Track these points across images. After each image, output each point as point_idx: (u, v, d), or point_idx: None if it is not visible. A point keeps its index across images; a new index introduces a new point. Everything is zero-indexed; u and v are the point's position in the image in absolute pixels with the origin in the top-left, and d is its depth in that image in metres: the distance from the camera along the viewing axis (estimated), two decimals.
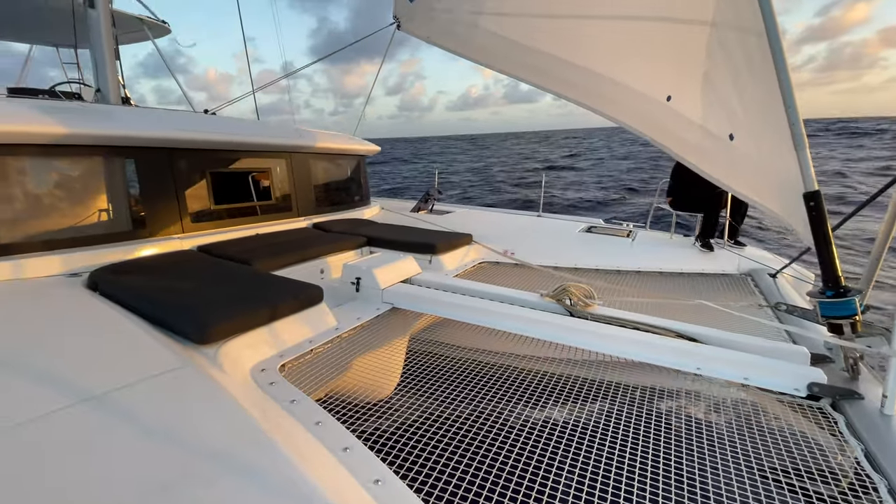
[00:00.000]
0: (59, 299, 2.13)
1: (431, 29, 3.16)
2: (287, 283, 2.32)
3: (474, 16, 2.80)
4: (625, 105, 2.34)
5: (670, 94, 2.18)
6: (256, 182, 3.88)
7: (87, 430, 1.18)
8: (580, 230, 4.35)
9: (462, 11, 2.87)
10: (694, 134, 2.12)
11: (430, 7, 3.10)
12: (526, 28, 2.60)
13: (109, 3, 3.86)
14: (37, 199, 2.59)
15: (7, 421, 1.18)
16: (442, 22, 3.05)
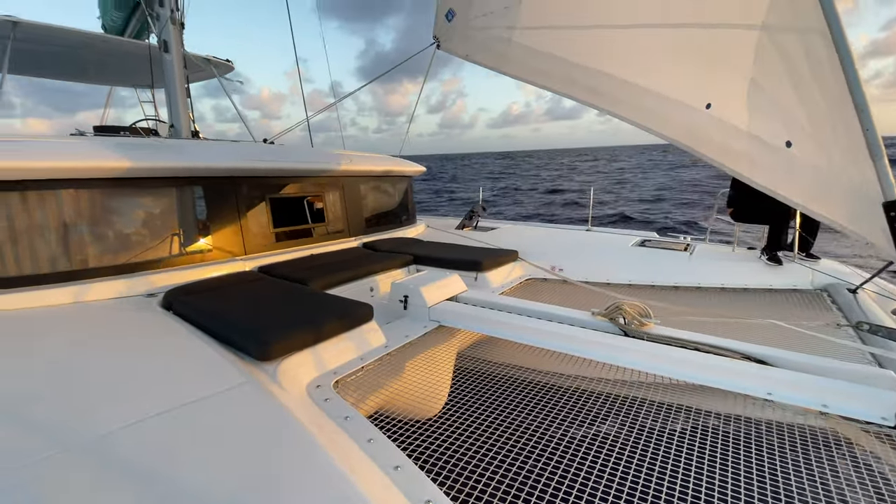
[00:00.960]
0: (140, 318, 2.33)
1: (469, 46, 3.23)
2: (339, 302, 2.41)
3: (509, 31, 2.84)
4: (660, 115, 2.27)
5: (710, 101, 2.10)
6: (311, 206, 4.08)
7: (166, 440, 1.28)
8: (633, 244, 4.19)
9: (497, 28, 2.92)
10: (740, 142, 2.02)
11: (467, 25, 3.17)
12: (558, 40, 2.60)
13: (181, 47, 4.27)
14: (121, 227, 2.87)
15: (103, 428, 1.31)
16: (479, 39, 3.11)
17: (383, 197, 5.00)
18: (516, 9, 2.73)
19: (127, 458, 1.20)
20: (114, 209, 2.86)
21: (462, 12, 3.15)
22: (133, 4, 4.74)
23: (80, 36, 4.42)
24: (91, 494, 1.07)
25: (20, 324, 2.18)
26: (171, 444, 1.27)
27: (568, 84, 2.56)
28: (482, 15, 2.98)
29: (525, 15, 2.69)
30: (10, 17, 3.82)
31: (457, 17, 3.21)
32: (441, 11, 3.32)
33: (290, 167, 3.78)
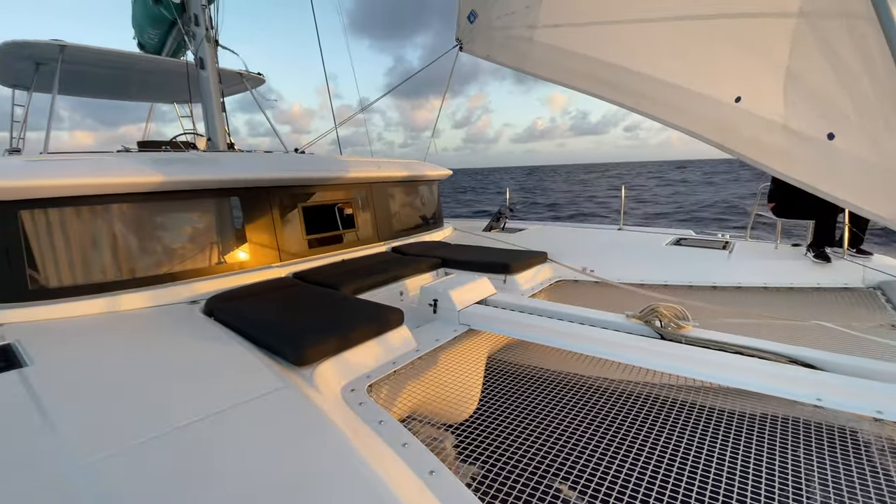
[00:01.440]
0: (184, 325, 2.44)
1: (491, 47, 3.22)
2: (371, 307, 2.45)
3: (530, 30, 2.82)
4: (687, 110, 2.20)
5: (740, 94, 2.02)
6: (341, 212, 4.17)
7: (213, 441, 1.35)
8: (667, 243, 4.06)
9: (519, 27, 2.90)
10: (774, 136, 1.93)
11: (488, 26, 3.17)
12: (581, 37, 2.56)
13: (216, 63, 4.45)
14: (166, 238, 3.01)
15: (159, 428, 1.39)
16: (500, 39, 3.10)
17: (411, 201, 5.05)
18: (537, 7, 2.71)
19: (180, 456, 1.26)
20: (159, 221, 3.01)
21: (484, 13, 3.15)
22: (169, 23, 4.97)
23: (123, 56, 4.67)
24: (150, 490, 1.14)
25: (78, 331, 2.32)
26: (218, 444, 1.33)
27: (592, 81, 2.52)
28: (504, 15, 2.97)
29: (546, 13, 2.67)
30: (58, 41, 4.07)
31: (479, 19, 3.21)
32: (463, 13, 3.33)
33: (322, 175, 3.88)
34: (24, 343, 2.11)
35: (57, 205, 2.63)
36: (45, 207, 2.60)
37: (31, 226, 2.57)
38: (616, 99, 2.38)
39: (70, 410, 1.50)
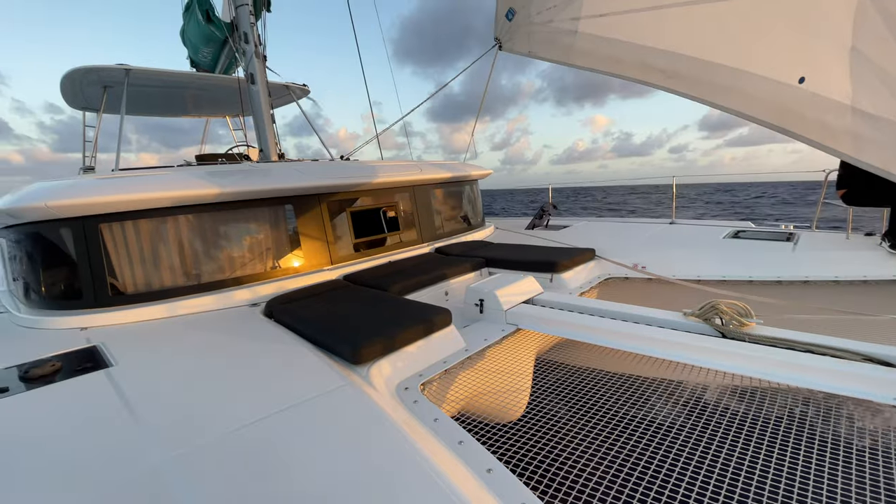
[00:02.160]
0: (248, 326, 2.59)
1: (532, 43, 3.19)
2: (419, 308, 2.50)
3: (574, 22, 2.76)
4: (746, 94, 2.08)
5: (803, 75, 1.89)
6: (386, 215, 4.27)
7: (283, 437, 1.42)
8: (725, 236, 3.84)
9: (561, 20, 2.85)
10: (842, 118, 1.80)
11: (529, 22, 3.14)
12: (628, 25, 2.48)
13: (265, 77, 4.67)
14: (227, 244, 3.20)
15: (237, 423, 1.49)
16: (542, 34, 3.06)
17: (452, 202, 5.08)
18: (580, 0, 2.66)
19: (255, 451, 1.35)
20: (221, 230, 3.20)
21: (523, 10, 3.12)
22: (221, 42, 5.26)
23: (180, 76, 5.00)
24: (231, 483, 1.22)
25: (154, 333, 2.51)
26: (289, 439, 1.40)
27: (642, 70, 2.45)
28: (545, 9, 2.93)
29: (590, 3, 2.62)
30: (124, 65, 4.42)
31: (518, 15, 3.19)
32: (501, 11, 3.32)
33: (367, 180, 3.98)
34: (108, 345, 2.31)
35: (131, 217, 2.86)
36: (121, 220, 2.84)
37: (110, 237, 2.81)
38: (671, 86, 2.29)
39: (153, 408, 1.63)
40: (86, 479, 1.25)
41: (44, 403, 1.73)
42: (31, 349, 2.33)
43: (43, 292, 2.95)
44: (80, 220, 2.75)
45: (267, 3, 4.80)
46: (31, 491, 1.23)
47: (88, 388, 1.82)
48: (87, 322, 2.69)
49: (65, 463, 1.34)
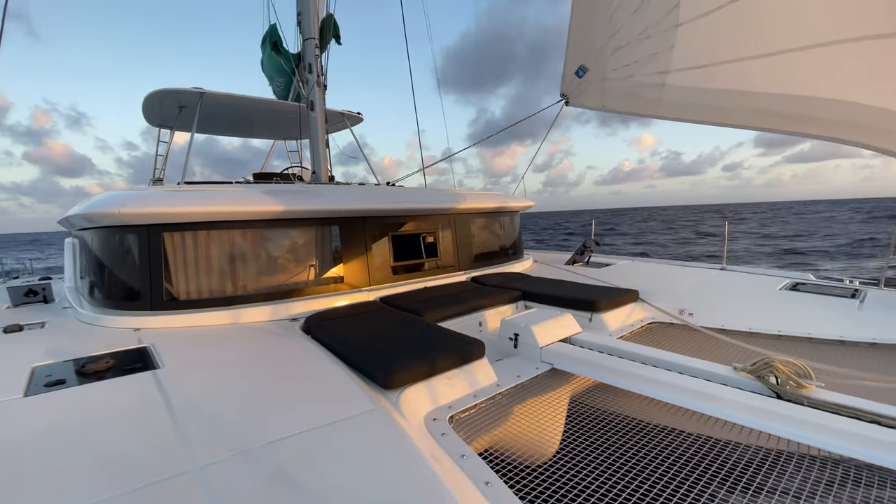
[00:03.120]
0: (286, 340, 2.65)
1: (607, 98, 3.20)
2: (453, 337, 2.48)
3: (661, 75, 2.75)
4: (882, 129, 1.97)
5: None
6: (426, 241, 4.33)
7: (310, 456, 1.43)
8: (782, 287, 3.59)
9: (644, 74, 2.84)
10: None
11: (602, 77, 3.15)
12: (734, 73, 2.44)
13: (324, 105, 4.95)
14: (272, 260, 3.34)
15: (268, 438, 1.51)
16: (620, 89, 3.06)
17: (492, 232, 5.09)
18: (668, 53, 2.66)
19: (280, 468, 1.36)
20: (271, 245, 3.36)
21: (596, 67, 3.16)
22: (290, 72, 5.65)
23: (246, 100, 5.39)
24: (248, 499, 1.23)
25: (200, 339, 2.63)
26: (316, 460, 1.41)
27: (752, 115, 2.40)
28: (623, 66, 2.96)
29: (681, 57, 2.61)
30: (199, 88, 4.81)
31: (589, 73, 3.23)
32: (570, 69, 3.37)
33: (410, 206, 4.08)
34: (157, 347, 2.44)
35: (191, 228, 3.05)
36: (182, 230, 3.03)
37: (171, 245, 3.01)
38: (796, 130, 2.23)
39: (192, 413, 1.69)
40: (121, 473, 1.30)
41: (94, 398, 1.84)
42: (89, 345, 2.49)
43: (105, 292, 3.17)
44: (146, 227, 2.96)
45: (336, 37, 5.13)
46: (69, 475, 1.29)
47: (136, 387, 1.92)
48: (141, 323, 2.85)
49: (103, 455, 1.40)
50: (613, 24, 2.99)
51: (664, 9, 2.66)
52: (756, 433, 1.84)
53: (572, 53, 3.33)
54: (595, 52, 3.15)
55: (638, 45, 2.84)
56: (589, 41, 3.19)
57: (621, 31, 2.94)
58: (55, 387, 1.93)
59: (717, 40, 2.47)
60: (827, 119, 2.11)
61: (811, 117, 2.16)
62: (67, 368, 2.15)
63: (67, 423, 1.63)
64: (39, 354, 2.35)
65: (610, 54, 3.05)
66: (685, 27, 2.60)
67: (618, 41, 2.99)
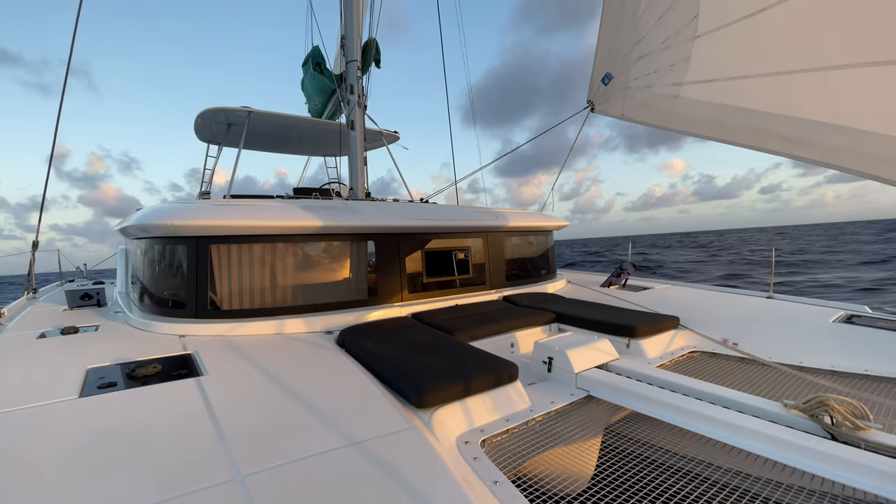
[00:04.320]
0: (321, 353, 2.71)
1: (626, 106, 3.21)
2: (486, 358, 2.46)
3: (675, 87, 2.74)
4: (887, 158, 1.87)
5: None
6: (458, 258, 4.34)
7: (346, 472, 1.44)
8: (835, 320, 3.37)
9: (661, 85, 2.85)
10: None
11: (625, 86, 3.18)
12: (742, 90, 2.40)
13: (364, 124, 5.11)
14: (310, 273, 3.44)
15: (304, 452, 1.53)
16: (638, 98, 3.07)
17: (524, 250, 5.05)
18: (684, 65, 2.65)
19: (314, 483, 1.38)
20: (310, 259, 3.47)
21: (621, 75, 3.17)
22: (330, 92, 5.89)
23: (291, 119, 5.63)
24: None
25: (241, 348, 2.72)
26: (349, 478, 1.42)
27: (755, 135, 2.34)
28: (643, 75, 2.96)
29: (696, 69, 2.59)
30: (247, 107, 5.08)
31: (614, 80, 3.24)
32: (597, 76, 3.40)
33: (444, 224, 4.12)
34: (201, 354, 2.54)
35: (236, 241, 3.19)
36: (228, 242, 3.18)
37: (217, 256, 3.15)
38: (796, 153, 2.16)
39: (233, 422, 1.74)
40: (165, 479, 1.35)
41: (142, 402, 1.93)
42: (138, 349, 2.63)
43: (154, 298, 3.34)
44: (195, 238, 3.12)
45: (377, 60, 5.33)
46: (116, 478, 1.35)
47: (181, 393, 2.00)
48: (186, 330, 2.98)
49: (149, 460, 1.46)
50: (638, 31, 3.00)
51: (685, 18, 2.65)
52: (808, 476, 1.72)
53: (600, 60, 3.34)
54: (621, 59, 3.16)
55: (659, 55, 2.84)
56: (616, 48, 3.21)
57: (645, 38, 2.95)
58: (107, 389, 2.04)
59: (727, 55, 2.44)
60: (828, 144, 2.01)
61: (812, 141, 2.07)
62: (118, 371, 2.27)
63: (117, 426, 1.72)
64: (93, 357, 2.49)
65: (634, 62, 3.05)
66: (702, 39, 2.58)
67: (641, 49, 2.99)
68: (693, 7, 2.61)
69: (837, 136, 2.00)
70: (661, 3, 2.79)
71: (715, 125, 2.56)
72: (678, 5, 2.69)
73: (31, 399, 1.91)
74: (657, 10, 2.82)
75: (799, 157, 2.11)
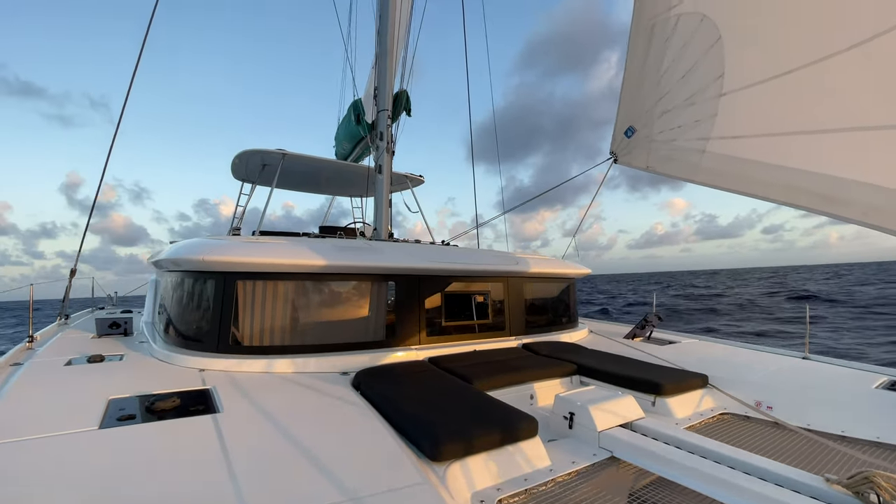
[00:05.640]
0: (336, 395, 2.67)
1: (651, 158, 3.24)
2: (504, 410, 2.39)
3: (702, 142, 2.76)
4: None
5: None
6: (477, 303, 4.31)
7: None
8: (878, 386, 3.14)
9: (687, 139, 2.88)
10: None
11: (649, 139, 3.22)
12: (770, 147, 2.40)
13: (391, 168, 5.29)
14: (330, 312, 3.47)
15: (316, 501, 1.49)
16: (663, 152, 3.10)
17: (545, 297, 4.99)
18: (710, 121, 2.68)
19: None
20: (331, 298, 3.50)
21: (644, 128, 3.23)
22: (359, 138, 6.17)
23: (323, 161, 5.87)
24: None
25: (258, 386, 2.71)
26: None
27: (789, 192, 2.32)
28: (668, 129, 3.00)
29: (723, 125, 2.62)
30: (282, 150, 5.33)
31: (637, 133, 3.29)
32: (620, 129, 3.47)
33: (464, 267, 4.13)
34: (219, 389, 2.55)
35: (261, 278, 3.27)
36: (253, 279, 3.25)
37: (242, 292, 3.22)
38: (830, 211, 2.12)
39: (246, 464, 1.72)
40: None
41: (159, 436, 1.93)
42: (159, 382, 2.66)
43: (178, 330, 3.40)
44: (223, 274, 3.21)
45: (407, 109, 5.60)
46: None
47: (197, 430, 2.00)
48: (206, 364, 3.01)
49: (161, 496, 1.45)
50: (661, 88, 3.06)
51: (709, 77, 2.70)
52: None
53: (623, 113, 3.41)
54: (643, 113, 3.22)
55: (683, 111, 2.88)
56: (638, 103, 3.27)
57: (668, 95, 3.01)
58: (126, 421, 2.05)
59: (757, 113, 2.45)
60: (863, 203, 1.97)
61: (848, 200, 2.03)
62: (139, 404, 2.29)
63: (133, 459, 1.72)
64: (116, 387, 2.53)
65: (657, 117, 3.09)
66: (728, 97, 2.61)
67: (665, 105, 3.04)
68: (718, 66, 2.67)
69: (874, 195, 1.96)
70: (685, 63, 2.86)
71: (746, 180, 2.55)
72: (702, 65, 2.76)
73: (53, 428, 1.94)
74: (680, 69, 2.90)
75: (837, 216, 2.07)
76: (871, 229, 1.98)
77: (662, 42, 3.00)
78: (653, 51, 3.09)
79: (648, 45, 3.12)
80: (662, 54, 3.01)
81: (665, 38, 2.98)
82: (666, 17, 2.96)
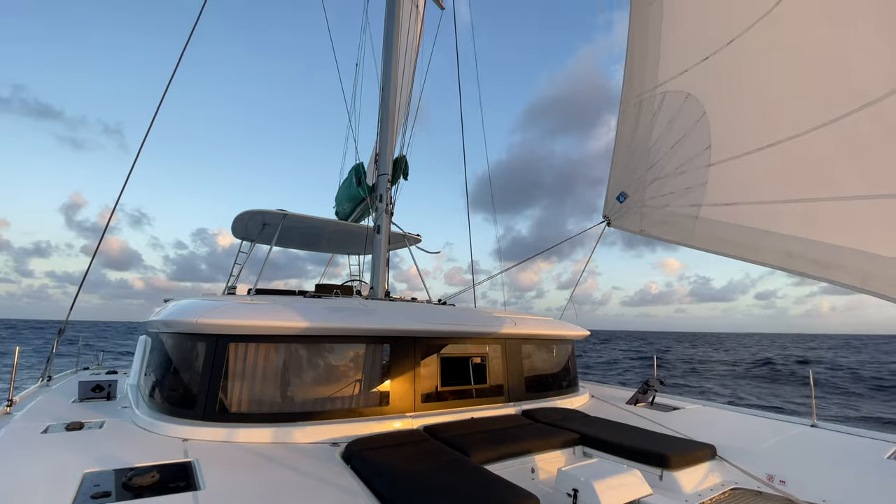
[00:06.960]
0: (325, 470, 2.52)
1: (644, 223, 3.32)
2: (504, 487, 2.25)
3: (694, 208, 2.84)
4: None
5: None
6: (474, 366, 4.20)
7: None
8: (890, 456, 3.05)
9: (679, 205, 2.96)
10: None
11: (641, 204, 3.31)
12: (763, 214, 2.47)
13: (389, 229, 5.38)
14: (322, 378, 3.36)
15: None
16: (657, 216, 3.18)
17: (545, 361, 4.87)
18: (701, 188, 2.78)
19: None
20: (322, 361, 3.40)
21: (636, 194, 3.34)
22: (359, 199, 6.33)
23: (322, 221, 5.96)
24: None
25: (242, 459, 2.56)
26: None
27: (784, 258, 2.36)
28: (659, 195, 3.10)
29: (714, 193, 2.71)
30: (283, 210, 5.43)
31: (629, 199, 3.40)
32: (612, 194, 3.58)
33: (460, 329, 4.06)
34: (202, 463, 2.40)
35: (254, 340, 3.19)
36: (246, 341, 3.17)
37: (233, 356, 3.13)
38: (827, 276, 2.15)
39: None
40: None
41: None
42: (139, 453, 2.51)
43: (163, 395, 3.26)
44: (215, 336, 3.14)
45: (405, 174, 5.82)
46: None
47: None
48: (190, 434, 2.86)
49: None
50: (651, 157, 3.19)
51: (697, 148, 2.84)
52: None
53: (614, 180, 3.53)
54: (635, 180, 3.33)
55: (674, 179, 2.99)
56: (629, 171, 3.40)
57: (658, 164, 3.13)
58: (100, 499, 1.91)
59: (747, 181, 2.55)
60: (856, 269, 2.01)
61: (841, 265, 2.07)
62: (115, 480, 2.15)
63: None
64: (92, 458, 2.38)
65: (648, 184, 3.20)
66: (717, 167, 2.73)
67: (655, 173, 3.16)
68: (705, 139, 2.81)
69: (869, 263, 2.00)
70: (673, 135, 3.02)
71: (741, 246, 2.59)
72: (689, 137, 2.91)
73: None
74: (669, 140, 3.05)
75: (834, 282, 2.10)
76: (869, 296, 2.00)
77: (650, 117, 3.18)
78: (641, 124, 3.27)
79: (637, 119, 3.30)
80: (651, 127, 3.18)
81: (652, 113, 3.17)
82: (652, 95, 3.16)
